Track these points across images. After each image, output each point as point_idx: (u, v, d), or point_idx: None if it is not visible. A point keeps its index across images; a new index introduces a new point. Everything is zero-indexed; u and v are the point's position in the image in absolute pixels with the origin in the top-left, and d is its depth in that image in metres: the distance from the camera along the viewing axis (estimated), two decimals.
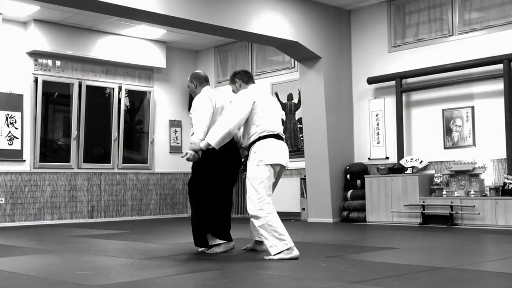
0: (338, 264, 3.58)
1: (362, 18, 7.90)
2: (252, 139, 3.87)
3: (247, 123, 3.89)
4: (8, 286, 2.98)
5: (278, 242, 3.67)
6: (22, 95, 7.98)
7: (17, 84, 7.98)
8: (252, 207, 3.74)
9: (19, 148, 7.90)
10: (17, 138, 7.89)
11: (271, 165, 3.81)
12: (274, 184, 3.96)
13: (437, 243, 4.91)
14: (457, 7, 6.97)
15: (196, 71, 4.48)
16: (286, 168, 3.99)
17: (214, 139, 3.77)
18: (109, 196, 8.78)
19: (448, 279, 2.98)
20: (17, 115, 7.88)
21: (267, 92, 4.23)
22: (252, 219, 3.81)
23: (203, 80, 4.29)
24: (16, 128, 7.89)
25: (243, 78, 4.09)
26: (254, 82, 4.15)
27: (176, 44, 9.40)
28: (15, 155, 7.87)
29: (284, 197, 7.88)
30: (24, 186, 7.96)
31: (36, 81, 8.12)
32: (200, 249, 4.19)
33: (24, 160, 7.95)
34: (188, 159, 3.87)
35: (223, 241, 4.09)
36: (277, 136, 3.89)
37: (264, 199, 3.74)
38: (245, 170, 3.93)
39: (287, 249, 3.69)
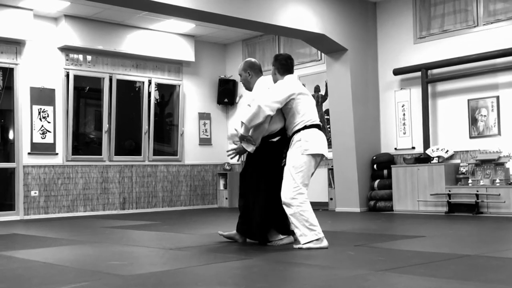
0: (366, 252, 3.62)
1: (388, 10, 7.98)
2: (298, 127, 3.85)
3: (291, 112, 3.87)
4: (43, 277, 3.00)
5: (309, 232, 3.71)
6: (54, 90, 8.09)
7: (49, 79, 8.08)
8: (286, 194, 3.76)
9: (52, 141, 8.04)
10: (50, 132, 8.02)
11: (314, 155, 3.81)
12: (312, 174, 3.99)
13: (463, 231, 4.97)
14: None
15: (250, 59, 4.25)
16: (325, 159, 4.04)
17: (245, 117, 3.79)
18: (140, 188, 8.92)
19: (475, 267, 3.02)
20: (49, 109, 8.02)
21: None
22: (284, 206, 3.79)
23: (258, 71, 4.14)
24: (49, 122, 8.02)
25: (284, 67, 4.03)
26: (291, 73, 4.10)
27: (205, 38, 9.55)
28: (48, 149, 8.01)
29: (312, 187, 7.85)
30: (57, 178, 8.10)
31: (67, 75, 8.24)
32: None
33: (57, 153, 8.10)
34: (240, 152, 3.90)
35: (285, 236, 3.99)
36: (319, 127, 3.93)
37: (300, 188, 3.75)
38: (284, 158, 3.88)
39: (316, 239, 3.71)
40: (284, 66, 4.05)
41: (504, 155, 6.57)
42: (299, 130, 3.85)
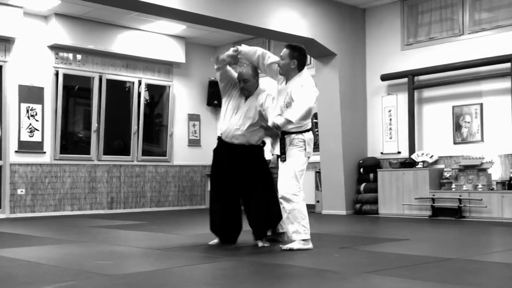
0: (350, 254, 3.68)
1: (376, 16, 8.10)
2: (306, 127, 3.87)
3: None
4: (28, 276, 2.98)
5: (302, 230, 3.75)
6: (42, 88, 8.03)
7: (38, 77, 8.02)
8: (287, 190, 3.74)
9: (39, 140, 7.98)
10: (38, 130, 7.97)
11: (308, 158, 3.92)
12: None
13: (446, 235, 5.06)
14: (467, 7, 7.17)
15: (254, 65, 4.16)
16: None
17: (295, 115, 3.67)
18: (129, 188, 8.91)
19: (456, 270, 3.07)
20: (38, 107, 7.96)
21: None
22: (281, 200, 3.78)
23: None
24: (37, 121, 7.97)
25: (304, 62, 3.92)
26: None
27: (195, 40, 9.59)
28: (36, 147, 7.95)
29: None
30: (44, 177, 8.04)
31: (56, 74, 8.20)
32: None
33: (45, 152, 8.05)
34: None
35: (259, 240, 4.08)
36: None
37: (300, 187, 3.81)
38: (284, 154, 3.86)
39: (305, 240, 3.78)
40: (304, 61, 3.94)
41: (487, 161, 6.73)
42: (306, 131, 3.88)
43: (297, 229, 3.78)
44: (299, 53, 3.89)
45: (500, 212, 6.38)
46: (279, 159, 3.90)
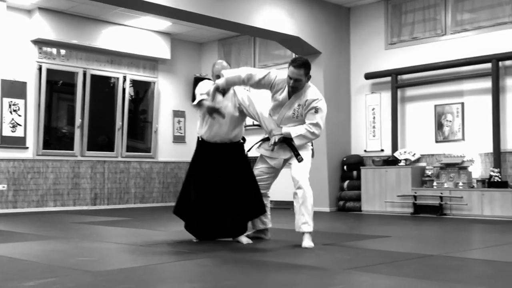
0: (333, 251, 3.70)
1: (361, 15, 8.18)
2: None
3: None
4: (9, 272, 2.95)
5: (311, 222, 3.86)
6: (25, 83, 7.95)
7: (21, 72, 7.93)
8: (306, 182, 3.87)
9: (22, 135, 7.90)
10: (20, 125, 7.89)
11: None
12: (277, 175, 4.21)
13: (426, 232, 5.14)
14: (450, 8, 7.28)
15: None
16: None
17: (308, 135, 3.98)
18: (112, 184, 8.86)
19: (436, 266, 3.10)
20: (20, 102, 7.88)
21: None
22: (304, 189, 3.84)
23: None
24: (19, 115, 7.89)
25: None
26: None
27: (181, 36, 9.57)
28: (18, 142, 7.87)
29: (283, 187, 8.18)
30: (27, 173, 7.97)
31: (40, 69, 8.12)
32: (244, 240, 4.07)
33: (27, 147, 7.98)
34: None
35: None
36: None
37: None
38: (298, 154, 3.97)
39: (310, 233, 3.86)
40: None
41: (467, 159, 6.85)
42: None
43: (307, 220, 3.84)
44: (310, 68, 3.96)
45: (480, 210, 6.50)
46: (297, 159, 3.96)
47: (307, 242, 3.84)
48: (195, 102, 3.93)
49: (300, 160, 3.92)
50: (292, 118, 3.98)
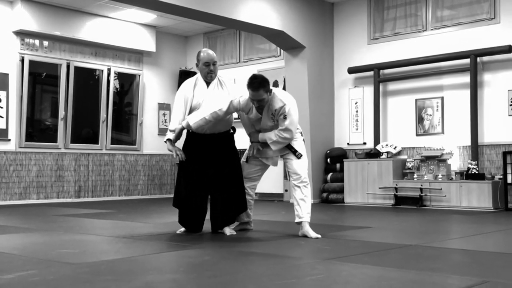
0: (315, 242, 3.72)
1: (344, 11, 8.28)
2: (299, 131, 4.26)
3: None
4: None
5: (310, 211, 4.06)
6: (7, 74, 7.85)
7: (2, 63, 7.84)
8: (307, 175, 4.08)
9: (4, 127, 7.81)
10: (2, 118, 7.80)
11: None
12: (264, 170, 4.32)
13: (407, 222, 5.25)
14: (430, 5, 7.43)
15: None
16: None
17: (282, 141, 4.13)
18: (97, 177, 8.83)
19: (414, 256, 3.17)
20: (2, 94, 7.78)
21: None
22: (300, 184, 4.01)
23: None
24: (1, 107, 7.79)
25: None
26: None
27: (166, 29, 9.57)
28: (0, 134, 7.77)
29: (268, 179, 8.24)
30: (9, 165, 7.89)
31: (22, 60, 8.03)
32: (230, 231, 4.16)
33: (10, 139, 7.91)
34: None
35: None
36: None
37: None
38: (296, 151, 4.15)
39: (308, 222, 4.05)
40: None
41: (446, 152, 7.03)
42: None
43: (308, 211, 4.04)
44: (268, 83, 3.97)
45: (458, 201, 6.68)
46: (296, 156, 4.10)
47: (313, 233, 3.98)
48: (164, 139, 4.21)
49: (299, 156, 4.09)
50: (274, 126, 4.11)
